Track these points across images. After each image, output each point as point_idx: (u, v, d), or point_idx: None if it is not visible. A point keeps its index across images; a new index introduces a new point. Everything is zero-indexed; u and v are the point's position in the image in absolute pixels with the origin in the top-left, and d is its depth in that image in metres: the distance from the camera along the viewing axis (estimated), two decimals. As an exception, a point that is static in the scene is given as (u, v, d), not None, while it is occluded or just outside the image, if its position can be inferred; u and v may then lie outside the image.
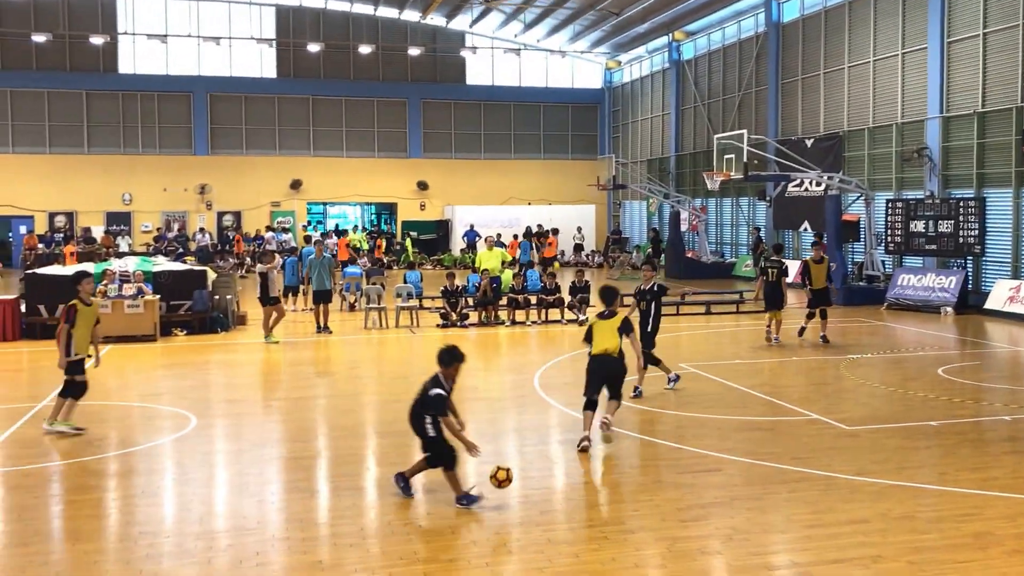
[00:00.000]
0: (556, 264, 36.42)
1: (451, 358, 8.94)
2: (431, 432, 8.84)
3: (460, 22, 46.97)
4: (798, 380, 15.17)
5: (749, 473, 9.80)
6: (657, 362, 13.87)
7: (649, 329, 13.81)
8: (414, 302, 22.91)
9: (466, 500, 8.74)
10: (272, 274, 19.86)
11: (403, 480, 9.09)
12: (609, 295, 11.36)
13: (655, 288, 13.84)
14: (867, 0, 28.73)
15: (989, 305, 23.06)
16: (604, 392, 10.89)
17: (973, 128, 24.42)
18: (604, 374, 10.85)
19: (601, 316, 11.18)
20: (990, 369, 16.21)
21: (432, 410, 8.79)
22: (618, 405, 11.01)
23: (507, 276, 23.90)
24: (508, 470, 8.95)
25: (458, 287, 22.59)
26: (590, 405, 10.81)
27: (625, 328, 10.94)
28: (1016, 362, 17.14)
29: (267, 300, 19.69)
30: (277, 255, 21.56)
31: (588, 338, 11.10)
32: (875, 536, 7.87)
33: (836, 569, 7.21)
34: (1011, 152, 22.92)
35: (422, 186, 47.59)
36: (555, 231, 42.20)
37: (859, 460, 10.24)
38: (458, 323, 21.95)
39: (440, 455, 8.86)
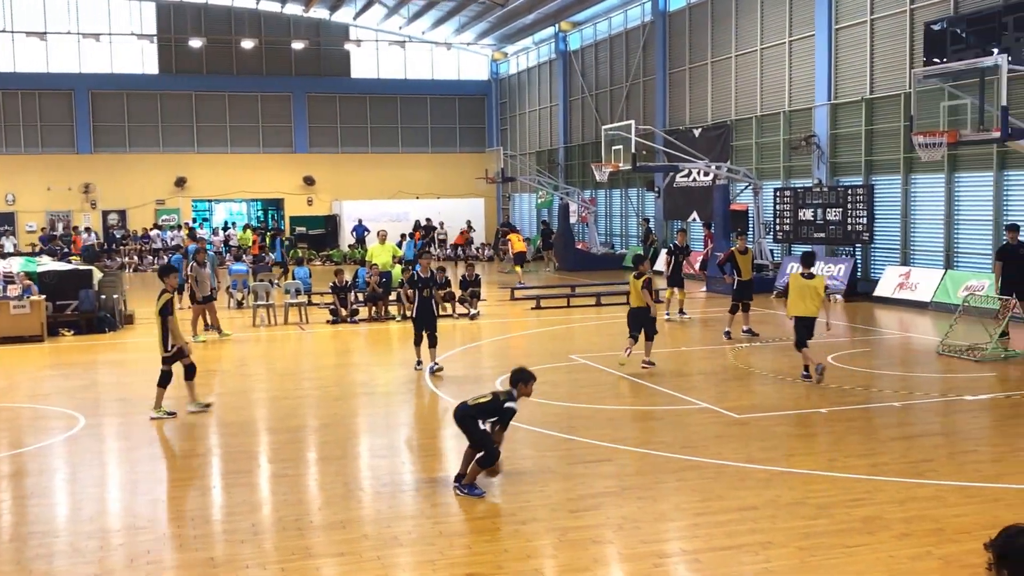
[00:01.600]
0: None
1: (529, 376, 9.20)
2: (485, 428, 8.95)
3: (343, 15, 46.30)
4: (689, 369, 15.21)
5: (640, 462, 9.73)
6: (434, 344, 15.06)
7: (436, 313, 15.43)
8: (303, 298, 22.41)
9: (468, 490, 8.80)
10: (204, 273, 19.54)
11: (467, 488, 8.87)
12: (637, 259, 15.74)
13: (433, 276, 15.49)
14: (753, -12, 29.19)
15: (878, 292, 23.57)
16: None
17: (861, 115, 24.89)
18: (637, 321, 15.03)
19: (636, 276, 15.14)
20: (880, 356, 16.53)
21: (500, 422, 8.97)
22: (649, 344, 15.09)
23: (397, 271, 23.47)
24: None
25: (347, 282, 22.12)
26: (632, 337, 15.01)
27: (647, 286, 14.89)
28: (906, 348, 17.51)
29: (197, 299, 19.59)
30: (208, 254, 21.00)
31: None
32: (764, 522, 7.82)
33: (726, 556, 7.16)
34: (899, 139, 23.27)
35: (309, 181, 46.97)
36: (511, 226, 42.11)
37: (748, 448, 10.24)
38: (348, 319, 21.48)
39: (491, 453, 8.82)
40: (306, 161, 47.11)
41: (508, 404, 8.95)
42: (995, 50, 18.99)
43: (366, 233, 42.55)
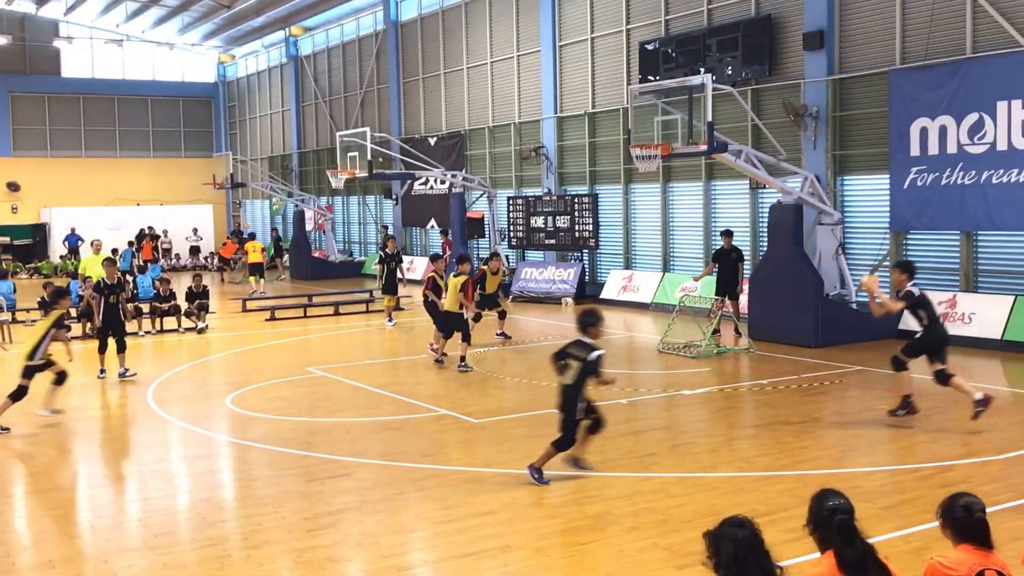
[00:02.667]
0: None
1: (598, 316, 9.28)
2: (579, 416, 8.94)
3: (53, 9, 42.92)
4: (428, 377, 15.22)
5: (380, 475, 9.59)
6: (122, 349, 15.42)
7: (123, 319, 16.05)
8: (6, 315, 20.48)
9: (539, 476, 8.98)
10: None
11: (537, 472, 9.02)
12: (463, 260, 16.47)
13: (120, 282, 16.29)
14: (482, 3, 29.76)
15: (605, 295, 24.77)
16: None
17: (585, 128, 26.07)
18: (449, 324, 15.73)
19: (455, 275, 15.82)
20: (607, 355, 17.15)
21: (592, 373, 8.87)
22: (449, 342, 15.88)
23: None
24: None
25: (58, 297, 20.36)
26: (444, 336, 15.96)
27: (463, 288, 15.67)
28: (630, 348, 18.42)
29: None
30: None
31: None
32: (503, 526, 7.91)
33: (466, 563, 7.18)
34: (619, 151, 24.53)
35: (13, 187, 43.46)
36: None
37: (487, 452, 10.38)
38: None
39: (570, 439, 8.99)
40: (10, 165, 43.42)
41: (595, 354, 8.90)
42: (701, 70, 20.50)
43: (80, 243, 39.68)
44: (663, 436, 11.17)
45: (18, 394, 11.87)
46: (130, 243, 36.50)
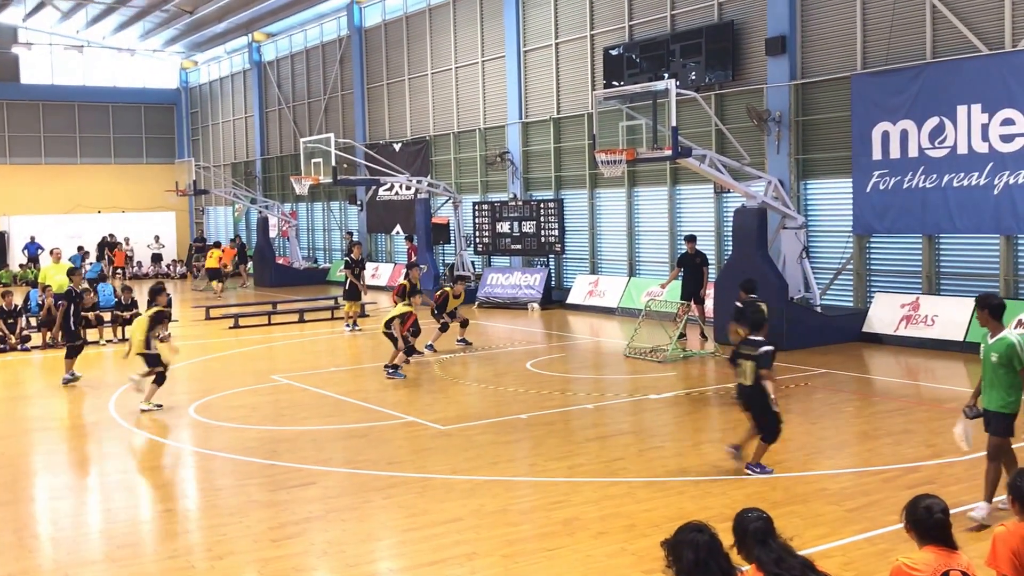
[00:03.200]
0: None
1: (767, 315, 10.03)
2: (775, 408, 9.15)
3: (12, 15, 42.23)
4: (394, 383, 15.11)
5: (346, 483, 9.49)
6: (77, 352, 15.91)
7: (79, 326, 16.33)
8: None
9: (759, 469, 9.26)
10: None
11: (758, 467, 9.28)
12: (415, 292, 16.56)
13: (81, 291, 16.60)
14: (447, 8, 29.75)
15: (571, 300, 24.85)
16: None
17: (550, 133, 26.10)
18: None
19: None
20: (574, 360, 17.33)
21: (764, 366, 9.10)
22: (396, 352, 15.42)
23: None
24: None
25: (16, 306, 20.11)
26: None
27: (403, 317, 15.55)
28: (597, 352, 18.46)
29: None
30: None
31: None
32: (469, 533, 7.85)
33: (433, 570, 7.12)
34: (584, 156, 24.65)
35: (-28, 195, 42.51)
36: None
37: (453, 459, 10.30)
38: (19, 346, 19.51)
39: (774, 430, 9.23)
40: (-31, 173, 42.63)
41: (763, 348, 9.19)
42: (665, 75, 20.59)
43: (40, 252, 39.09)
44: (630, 441, 11.16)
45: (160, 379, 13.23)
46: (79, 248, 35.99)
